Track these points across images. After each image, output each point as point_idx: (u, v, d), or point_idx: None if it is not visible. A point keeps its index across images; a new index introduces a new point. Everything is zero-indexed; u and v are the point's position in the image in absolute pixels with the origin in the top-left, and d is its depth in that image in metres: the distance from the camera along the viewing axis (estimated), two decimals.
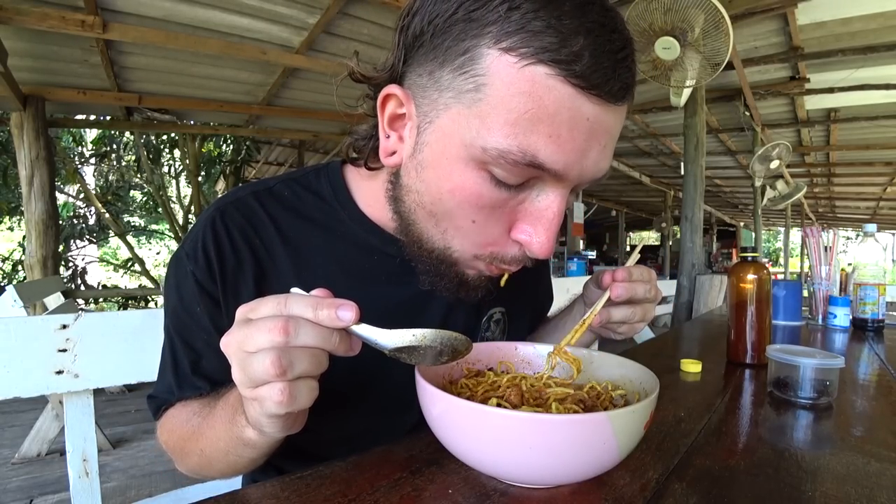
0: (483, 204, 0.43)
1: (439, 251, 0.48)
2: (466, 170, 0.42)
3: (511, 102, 0.38)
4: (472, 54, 0.39)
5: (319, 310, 0.35)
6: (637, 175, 7.90)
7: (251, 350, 0.34)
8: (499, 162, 0.39)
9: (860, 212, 10.38)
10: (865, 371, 0.88)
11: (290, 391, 0.34)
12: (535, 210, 0.43)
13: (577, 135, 0.39)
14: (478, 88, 0.39)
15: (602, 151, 0.42)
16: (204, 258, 0.50)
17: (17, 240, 8.06)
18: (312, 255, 0.54)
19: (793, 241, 10.40)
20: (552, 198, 0.43)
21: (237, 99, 4.28)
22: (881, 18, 2.91)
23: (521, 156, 0.39)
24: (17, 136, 3.50)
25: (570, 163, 0.40)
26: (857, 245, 1.36)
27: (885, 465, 0.47)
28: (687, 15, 2.30)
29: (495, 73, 0.38)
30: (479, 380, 0.50)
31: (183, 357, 0.53)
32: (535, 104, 0.37)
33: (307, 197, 0.57)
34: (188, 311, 0.52)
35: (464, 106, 0.40)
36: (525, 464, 0.36)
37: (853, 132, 5.00)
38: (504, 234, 0.46)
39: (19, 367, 0.80)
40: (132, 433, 2.68)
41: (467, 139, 0.40)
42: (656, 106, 4.54)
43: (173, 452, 0.53)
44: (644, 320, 0.58)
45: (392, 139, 0.47)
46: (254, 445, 0.42)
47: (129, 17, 2.80)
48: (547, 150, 0.39)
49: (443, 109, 0.42)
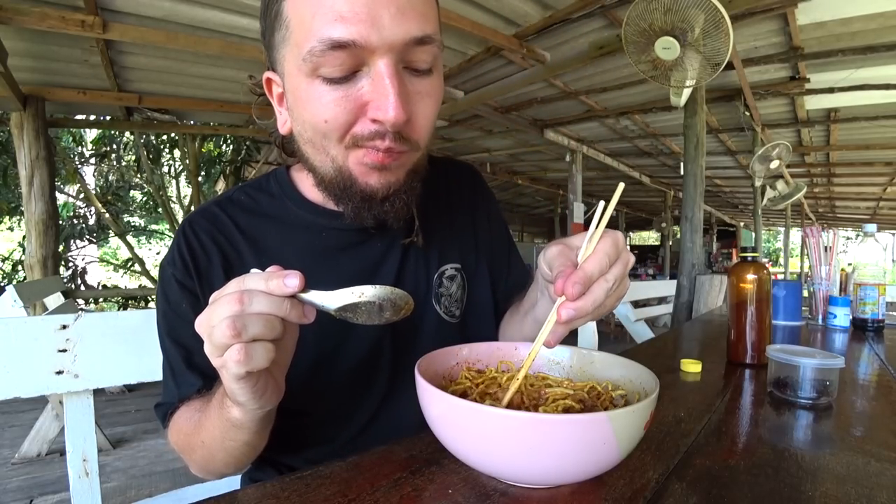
0: (325, 101, 0.49)
1: (330, 171, 0.54)
2: (306, 85, 0.49)
3: (304, 17, 0.47)
4: (278, 10, 0.50)
5: (270, 280, 0.40)
6: (637, 175, 7.89)
7: (213, 323, 0.39)
8: (318, 61, 0.47)
9: (860, 212, 10.38)
10: (865, 371, 0.88)
11: (247, 351, 0.38)
12: (371, 87, 0.48)
13: (358, 9, 0.45)
14: (287, 27, 0.49)
15: (399, 17, 0.46)
16: (181, 260, 0.59)
17: (17, 240, 8.06)
18: (269, 244, 0.62)
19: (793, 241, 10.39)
20: (378, 70, 0.48)
21: (237, 99, 4.27)
22: (881, 18, 2.91)
23: (323, 43, 0.45)
24: (17, 136, 3.50)
25: (364, 32, 0.45)
26: (857, 245, 1.36)
27: (885, 465, 0.47)
28: (687, 15, 2.29)
29: (290, 9, 0.48)
30: (477, 377, 0.50)
31: (176, 356, 0.58)
32: (315, 6, 0.46)
33: (260, 197, 0.66)
34: (176, 310, 0.58)
35: (288, 46, 0.50)
36: (525, 464, 0.36)
37: (853, 132, 5.00)
38: (358, 116, 0.50)
39: (19, 367, 0.79)
40: (132, 433, 2.68)
41: (300, 65, 0.48)
42: (656, 106, 4.54)
43: (182, 451, 0.57)
44: (618, 296, 0.47)
45: (283, 114, 0.58)
46: (241, 425, 0.46)
47: (129, 17, 2.80)
48: (337, 30, 0.45)
49: (284, 61, 0.52)
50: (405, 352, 0.65)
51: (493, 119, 4.87)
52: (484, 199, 0.79)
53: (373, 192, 0.54)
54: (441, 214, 0.71)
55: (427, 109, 0.52)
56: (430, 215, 0.68)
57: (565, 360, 0.55)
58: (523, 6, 2.94)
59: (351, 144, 0.51)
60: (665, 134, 5.62)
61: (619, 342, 4.60)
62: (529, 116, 5.20)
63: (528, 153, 6.99)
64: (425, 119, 0.52)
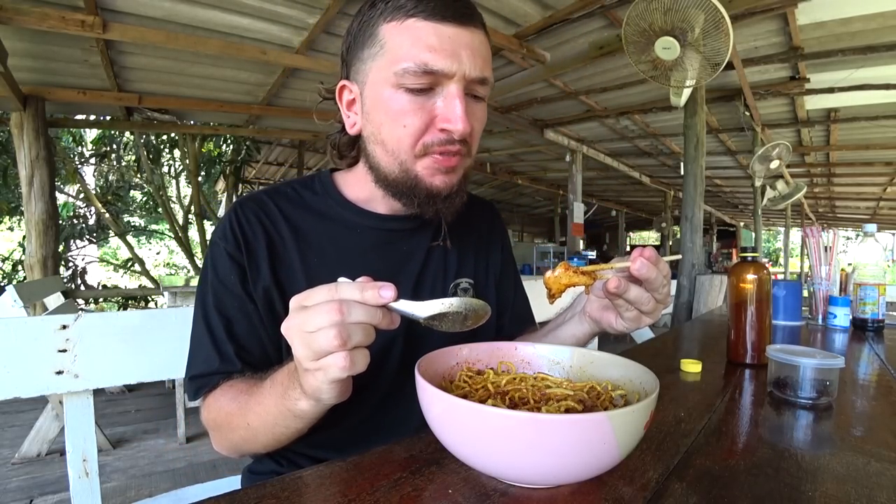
0: (406, 109, 0.59)
1: (398, 172, 0.63)
2: (389, 93, 0.60)
3: (401, 43, 0.58)
4: (373, 32, 0.61)
5: (365, 291, 0.43)
6: (637, 175, 7.89)
7: (312, 330, 0.42)
8: (406, 76, 0.58)
9: (860, 212, 10.38)
10: (865, 371, 0.88)
11: (352, 358, 0.42)
12: (444, 102, 0.60)
13: (445, 47, 0.58)
14: (382, 46, 0.60)
15: (472, 58, 0.59)
16: (232, 236, 0.65)
17: (17, 240, 8.06)
18: (309, 234, 0.69)
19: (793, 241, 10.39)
20: (450, 91, 0.59)
21: (237, 99, 4.28)
22: (881, 18, 2.91)
23: (417, 65, 0.57)
24: (17, 136, 3.50)
25: (448, 63, 0.58)
26: (857, 245, 1.36)
27: (885, 465, 0.47)
28: (687, 15, 2.29)
29: (388, 34, 0.59)
30: (477, 378, 0.50)
31: (218, 324, 0.63)
32: (413, 38, 0.58)
33: (305, 193, 0.73)
34: (223, 282, 0.64)
35: (378, 61, 0.60)
36: (525, 464, 0.36)
37: (853, 132, 5.00)
38: (429, 126, 0.61)
39: (19, 367, 0.80)
40: (132, 433, 2.68)
41: (384, 75, 0.60)
42: (656, 106, 4.54)
43: (218, 428, 0.60)
44: (651, 315, 0.60)
45: (352, 117, 0.67)
46: (303, 416, 0.50)
47: (129, 17, 2.80)
48: (430, 58, 0.57)
49: (369, 72, 0.62)
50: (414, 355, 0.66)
51: (494, 119, 4.88)
52: (499, 235, 0.88)
53: (438, 191, 0.63)
54: (462, 235, 0.78)
55: (478, 126, 0.64)
56: (452, 232, 0.76)
57: (565, 360, 0.55)
58: (523, 6, 2.94)
59: (420, 153, 0.61)
60: (665, 134, 5.63)
61: (619, 342, 4.60)
62: (529, 116, 5.20)
63: (528, 153, 6.99)
64: (477, 133, 0.64)
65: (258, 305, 0.64)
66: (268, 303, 0.64)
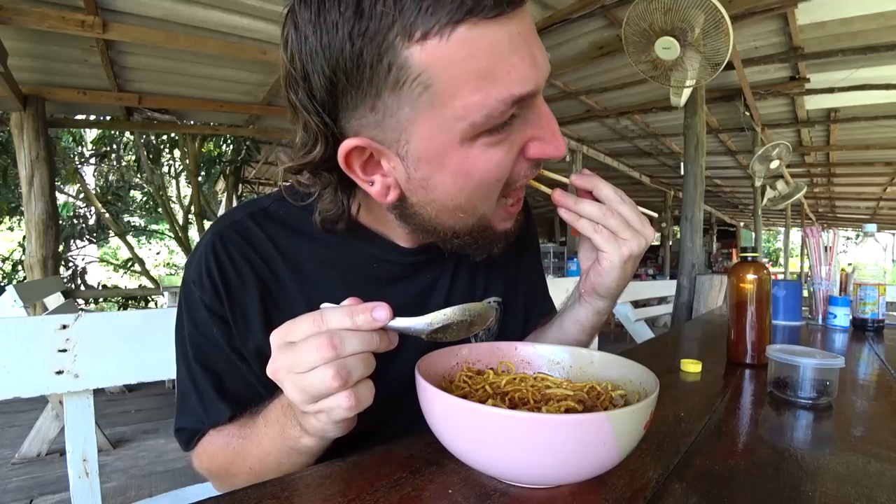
0: (495, 160, 0.44)
1: (474, 226, 0.50)
2: (468, 152, 0.43)
3: (461, 73, 0.39)
4: (397, 64, 0.39)
5: (356, 316, 0.38)
6: (637, 175, 7.89)
7: (303, 370, 0.37)
8: (489, 122, 0.41)
9: (860, 212, 10.37)
10: (865, 371, 0.88)
11: (356, 395, 0.38)
12: (535, 124, 0.45)
13: (521, 51, 0.41)
14: (425, 87, 0.39)
15: (539, 47, 0.43)
16: (209, 282, 0.51)
17: (17, 240, 8.06)
18: (312, 266, 0.56)
19: (793, 241, 10.39)
20: (540, 108, 0.45)
21: (237, 99, 4.28)
22: (881, 18, 2.91)
23: (504, 103, 0.40)
24: (17, 136, 3.50)
25: (531, 75, 0.41)
26: (857, 245, 1.36)
27: (885, 465, 0.47)
28: (687, 15, 2.29)
29: (430, 63, 0.38)
30: (477, 378, 0.50)
31: (205, 382, 0.53)
32: (478, 58, 0.39)
33: (300, 213, 0.56)
34: (205, 335, 0.53)
35: (426, 109, 0.41)
36: (525, 464, 0.36)
37: (853, 132, 5.00)
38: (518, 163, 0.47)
39: (19, 367, 0.79)
40: (132, 433, 2.68)
41: (450, 129, 0.41)
42: (656, 106, 4.54)
43: (217, 476, 0.55)
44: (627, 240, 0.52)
45: (377, 183, 0.47)
46: (310, 452, 0.46)
47: (129, 17, 2.80)
48: (515, 83, 0.40)
49: (410, 125, 0.42)
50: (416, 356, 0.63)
51: None
52: (530, 238, 0.78)
53: (509, 234, 0.53)
54: None
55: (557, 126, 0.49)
56: None
57: (565, 360, 0.55)
58: None
59: (507, 200, 0.50)
60: (665, 134, 5.62)
61: (619, 342, 4.60)
62: None
63: None
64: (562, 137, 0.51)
65: (252, 365, 0.53)
66: (263, 362, 0.43)
